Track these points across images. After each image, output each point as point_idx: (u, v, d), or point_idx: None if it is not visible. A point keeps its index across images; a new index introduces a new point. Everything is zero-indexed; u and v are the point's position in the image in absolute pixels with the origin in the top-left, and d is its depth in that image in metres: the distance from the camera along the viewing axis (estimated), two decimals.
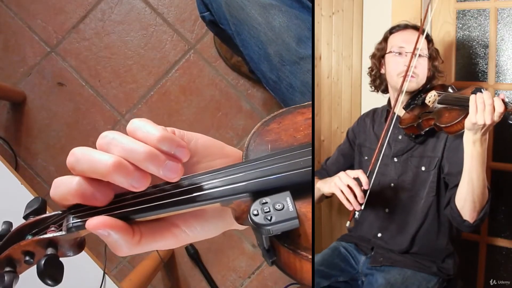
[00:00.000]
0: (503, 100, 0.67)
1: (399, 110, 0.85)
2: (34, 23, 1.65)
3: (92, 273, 0.94)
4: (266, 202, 0.37)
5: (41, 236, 0.39)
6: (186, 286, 1.64)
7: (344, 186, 0.74)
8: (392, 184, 0.85)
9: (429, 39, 0.83)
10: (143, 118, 0.41)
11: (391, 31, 0.85)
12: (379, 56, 0.86)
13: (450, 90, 0.79)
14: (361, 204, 0.73)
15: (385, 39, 0.86)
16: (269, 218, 0.36)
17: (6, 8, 1.65)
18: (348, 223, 0.76)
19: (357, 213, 0.74)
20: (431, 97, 0.78)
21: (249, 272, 1.62)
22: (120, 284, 0.97)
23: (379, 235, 0.87)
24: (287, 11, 0.88)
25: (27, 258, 0.40)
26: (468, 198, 0.72)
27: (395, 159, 0.84)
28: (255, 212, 0.37)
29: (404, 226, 0.84)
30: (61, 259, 0.39)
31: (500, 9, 0.91)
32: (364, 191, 0.74)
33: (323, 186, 0.80)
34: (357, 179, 0.75)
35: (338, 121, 1.11)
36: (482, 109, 0.66)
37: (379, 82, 0.87)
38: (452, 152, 0.78)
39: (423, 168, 0.81)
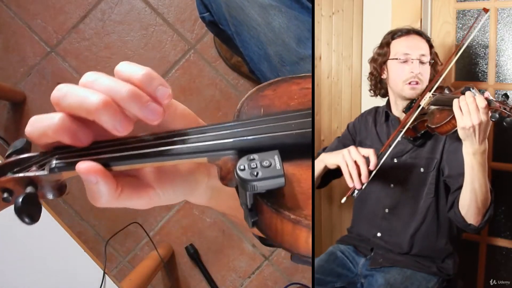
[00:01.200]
0: (486, 98, 0.66)
1: (399, 113, 0.85)
2: (34, 23, 1.65)
3: (92, 273, 0.94)
4: (254, 159, 0.37)
5: (22, 174, 0.38)
6: (186, 286, 1.64)
7: (351, 160, 0.71)
8: (392, 185, 0.85)
9: (430, 44, 0.83)
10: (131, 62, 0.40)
11: (393, 36, 0.84)
12: (381, 62, 0.85)
13: (446, 91, 0.79)
14: (362, 184, 0.71)
15: (387, 44, 0.84)
16: (255, 173, 0.35)
17: (6, 8, 1.65)
18: (344, 199, 0.72)
19: (356, 191, 0.71)
20: (426, 98, 0.78)
21: (249, 272, 1.62)
22: (120, 284, 0.97)
23: (379, 234, 0.87)
24: (286, 12, 0.88)
25: (5, 195, 0.38)
26: (472, 205, 0.72)
27: (395, 160, 0.84)
28: (242, 167, 0.36)
29: (403, 227, 0.84)
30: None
31: (500, 9, 0.91)
32: (370, 172, 0.71)
33: (328, 158, 0.76)
34: (366, 158, 0.72)
35: (338, 121, 1.11)
36: (467, 111, 0.66)
37: (380, 87, 0.87)
38: (451, 155, 0.78)
39: (421, 170, 0.81)
